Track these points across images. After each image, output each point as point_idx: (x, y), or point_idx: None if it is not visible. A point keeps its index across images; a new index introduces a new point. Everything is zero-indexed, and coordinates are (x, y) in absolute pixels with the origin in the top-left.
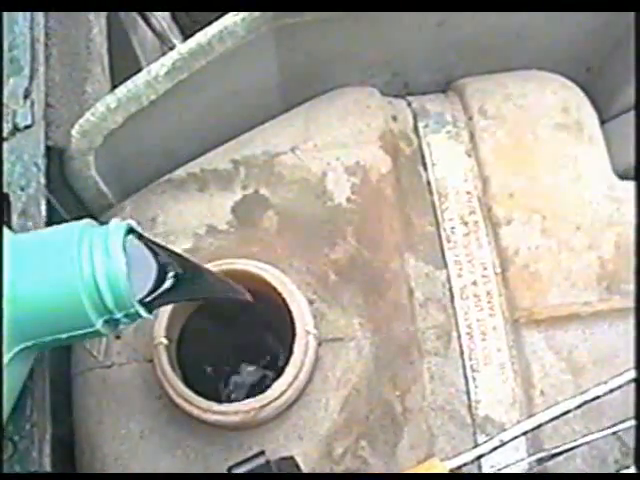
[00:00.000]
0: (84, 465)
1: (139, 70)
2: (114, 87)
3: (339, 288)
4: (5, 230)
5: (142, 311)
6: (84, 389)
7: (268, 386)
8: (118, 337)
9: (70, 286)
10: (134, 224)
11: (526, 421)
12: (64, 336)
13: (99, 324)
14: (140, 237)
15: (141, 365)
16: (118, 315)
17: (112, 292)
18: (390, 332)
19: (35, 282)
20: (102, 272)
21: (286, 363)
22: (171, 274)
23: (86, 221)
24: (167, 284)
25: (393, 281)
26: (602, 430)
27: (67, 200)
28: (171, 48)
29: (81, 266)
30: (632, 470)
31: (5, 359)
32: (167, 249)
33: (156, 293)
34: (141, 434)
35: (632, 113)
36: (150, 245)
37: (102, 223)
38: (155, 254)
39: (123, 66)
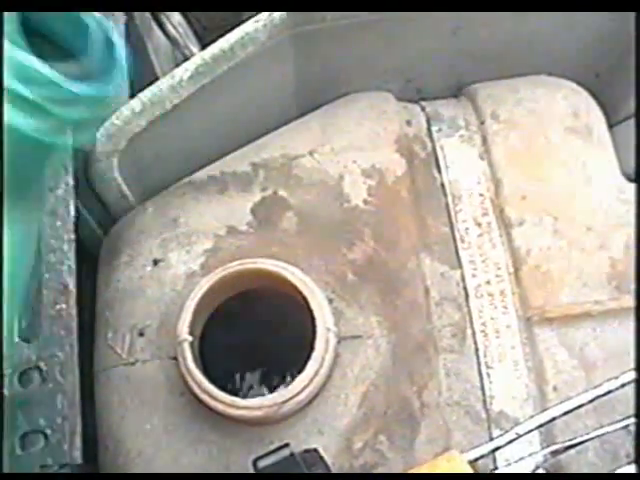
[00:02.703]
0: (108, 461)
1: (155, 76)
2: (132, 92)
3: (357, 287)
4: None
5: None
6: (107, 386)
7: (289, 383)
8: (142, 334)
9: None
10: None
11: (541, 414)
12: None
13: None
14: None
15: (164, 362)
16: None
17: None
18: (407, 330)
19: None
20: None
21: (307, 359)
22: None
23: None
24: None
25: (409, 280)
26: (613, 423)
27: (90, 202)
28: (184, 54)
29: None
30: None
31: None
32: None
33: None
34: (164, 429)
35: None
36: None
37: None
38: None
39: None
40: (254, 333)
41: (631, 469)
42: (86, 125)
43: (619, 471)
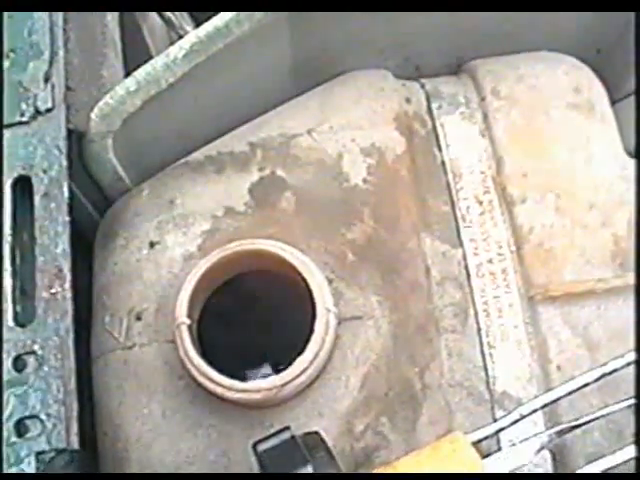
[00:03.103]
0: (107, 447)
1: (149, 58)
2: (127, 73)
3: (357, 267)
4: None
5: None
6: (105, 371)
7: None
8: (139, 318)
9: None
10: None
11: (545, 394)
12: None
13: None
14: None
15: (162, 346)
16: None
17: None
18: (408, 310)
19: None
20: None
21: (307, 341)
22: None
23: None
24: None
25: (410, 260)
26: (618, 402)
27: (85, 185)
28: (179, 35)
29: None
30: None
31: None
32: None
33: None
34: (163, 414)
35: None
36: None
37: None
38: None
39: (133, 54)
40: (253, 332)
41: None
42: None
43: (622, 451)
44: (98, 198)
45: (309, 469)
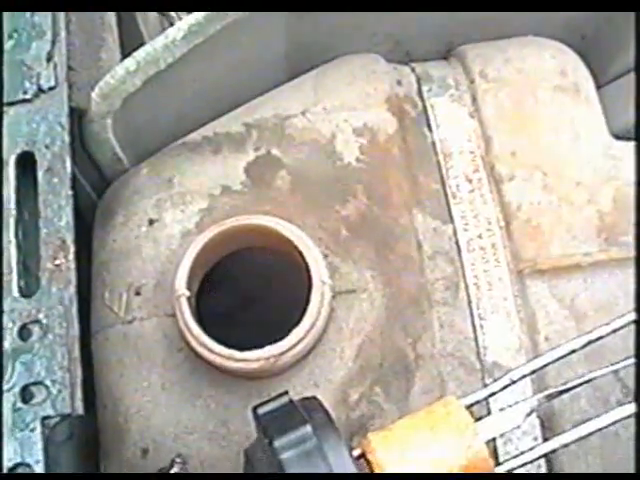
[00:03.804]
0: (107, 420)
1: (142, 44)
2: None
3: (351, 243)
4: None
5: None
6: (105, 346)
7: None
8: (138, 293)
9: None
10: None
11: (535, 360)
12: None
13: None
14: None
15: (161, 319)
16: None
17: None
18: (401, 284)
19: None
20: None
21: (303, 312)
22: None
23: None
24: None
25: (402, 236)
26: (604, 368)
27: (84, 164)
28: (172, 24)
29: None
30: (632, 407)
31: None
32: None
33: None
34: (162, 386)
35: (626, 78)
36: None
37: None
38: None
39: (128, 41)
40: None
41: (631, 408)
42: None
43: (614, 412)
44: (96, 179)
45: (308, 429)
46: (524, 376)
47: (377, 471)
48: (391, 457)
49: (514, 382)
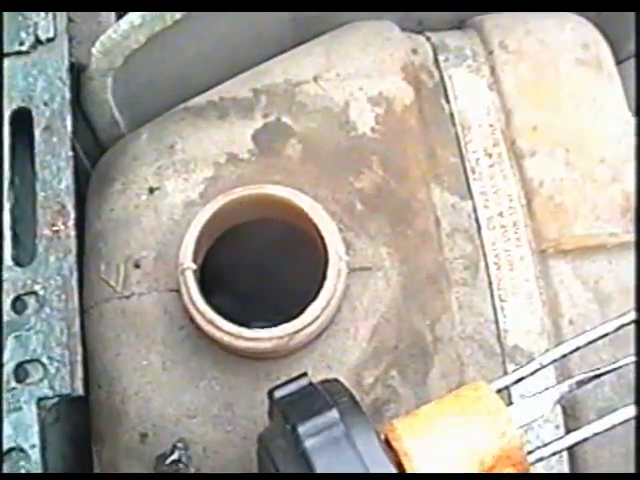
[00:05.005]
0: (101, 400)
1: None
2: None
3: (366, 217)
4: None
5: None
6: (100, 322)
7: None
8: (137, 266)
9: None
10: None
11: (564, 344)
12: None
13: None
14: None
15: (162, 295)
16: None
17: None
18: (418, 261)
19: None
20: None
21: (319, 289)
22: None
23: None
24: None
25: (420, 211)
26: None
27: (79, 127)
28: None
29: None
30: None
31: None
32: None
33: None
34: (163, 366)
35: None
36: None
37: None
38: None
39: None
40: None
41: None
42: None
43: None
44: (90, 143)
45: (334, 414)
46: (554, 360)
47: (404, 460)
48: (419, 445)
49: (544, 366)
